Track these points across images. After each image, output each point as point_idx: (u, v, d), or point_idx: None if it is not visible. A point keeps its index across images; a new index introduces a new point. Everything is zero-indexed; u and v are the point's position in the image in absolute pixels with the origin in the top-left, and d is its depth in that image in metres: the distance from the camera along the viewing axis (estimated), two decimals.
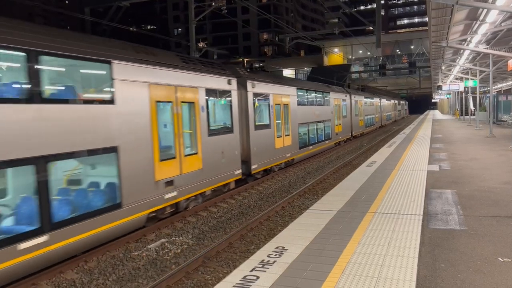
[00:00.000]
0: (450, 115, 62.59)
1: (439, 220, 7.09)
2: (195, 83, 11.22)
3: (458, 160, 14.14)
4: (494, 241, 5.97)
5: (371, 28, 25.57)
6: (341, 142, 29.31)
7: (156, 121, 9.54)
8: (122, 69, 8.62)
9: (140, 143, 9.04)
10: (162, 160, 9.71)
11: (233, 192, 13.53)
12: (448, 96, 64.52)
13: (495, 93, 42.71)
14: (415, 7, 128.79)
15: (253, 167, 14.81)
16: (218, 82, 12.48)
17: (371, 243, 5.79)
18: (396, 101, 72.65)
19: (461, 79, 37.63)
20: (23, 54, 6.62)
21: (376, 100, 46.37)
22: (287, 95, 18.27)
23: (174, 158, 10.23)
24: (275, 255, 5.44)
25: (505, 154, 15.19)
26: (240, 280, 4.70)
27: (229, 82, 13.13)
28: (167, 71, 10.09)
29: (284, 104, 17.78)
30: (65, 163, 7.74)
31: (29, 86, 6.75)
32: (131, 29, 21.13)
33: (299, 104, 19.96)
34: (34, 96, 6.81)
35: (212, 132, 12.07)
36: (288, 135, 18.22)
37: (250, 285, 4.57)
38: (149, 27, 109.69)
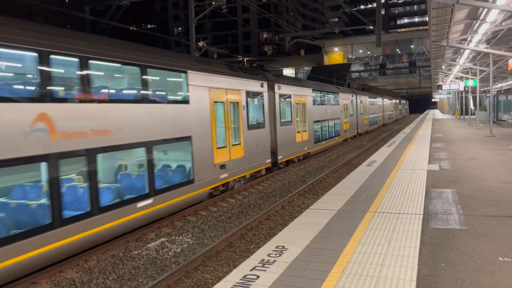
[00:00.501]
0: (450, 115, 62.56)
1: (439, 220, 7.09)
2: (239, 87, 13.83)
3: (458, 159, 14.14)
4: (494, 241, 5.97)
5: (371, 27, 25.56)
6: (348, 139, 31.47)
7: (214, 117, 12.11)
8: (193, 77, 11.18)
9: (204, 134, 11.65)
10: (218, 148, 12.37)
11: (233, 192, 13.54)
12: (448, 95, 64.51)
13: (495, 92, 42.71)
14: (415, 7, 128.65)
15: (279, 157, 17.28)
16: (254, 85, 15.08)
17: (371, 242, 5.79)
18: (397, 101, 75.04)
19: (461, 78, 37.61)
20: (139, 68, 9.38)
21: (379, 100, 48.61)
22: (305, 95, 20.79)
23: (225, 147, 12.92)
24: (275, 254, 5.43)
25: (505, 153, 15.18)
26: (240, 280, 4.70)
27: (261, 85, 15.73)
28: (220, 77, 12.67)
29: (302, 104, 20.28)
30: (161, 147, 10.26)
31: (141, 91, 9.43)
32: (131, 28, 21.11)
33: (314, 103, 22.46)
34: (144, 99, 9.49)
35: (250, 127, 14.65)
36: (306, 131, 20.69)
37: (250, 285, 4.56)
38: (149, 26, 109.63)
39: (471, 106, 42.69)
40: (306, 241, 5.93)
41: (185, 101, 10.96)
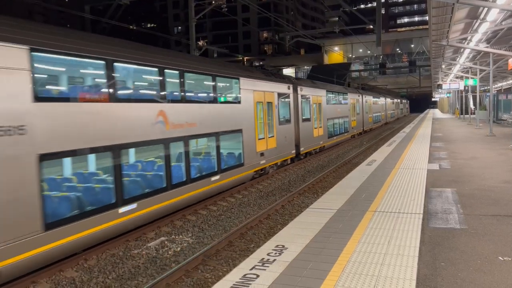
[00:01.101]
0: (450, 114, 62.55)
1: (439, 219, 7.09)
2: (273, 89, 16.74)
3: (458, 159, 14.14)
4: (494, 240, 5.97)
5: (371, 26, 25.56)
6: (356, 135, 34.32)
7: (256, 114, 15.10)
8: (243, 82, 14.29)
9: (250, 128, 14.70)
10: (259, 139, 15.32)
11: (233, 191, 13.55)
12: (448, 95, 64.49)
13: (495, 92, 42.69)
14: (415, 6, 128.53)
15: (301, 149, 20.16)
16: (283, 88, 17.90)
17: (371, 241, 5.79)
18: (399, 100, 78.37)
19: (461, 78, 37.60)
20: (211, 77, 12.51)
21: (382, 100, 51.81)
22: (320, 96, 23.65)
23: (263, 138, 15.80)
24: (275, 253, 5.43)
25: (505, 153, 15.18)
26: (240, 279, 4.70)
27: (288, 88, 18.54)
28: (260, 82, 15.70)
29: (318, 103, 23.17)
30: (224, 137, 12.95)
31: (212, 94, 12.62)
32: (131, 27, 21.10)
33: (328, 103, 25.38)
34: (214, 100, 12.64)
35: (280, 122, 17.50)
36: (321, 127, 23.66)
37: (250, 284, 4.56)
38: (149, 25, 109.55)
39: (471, 105, 42.69)
40: (306, 240, 5.93)
41: (238, 101, 14.05)
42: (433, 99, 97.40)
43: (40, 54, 7.21)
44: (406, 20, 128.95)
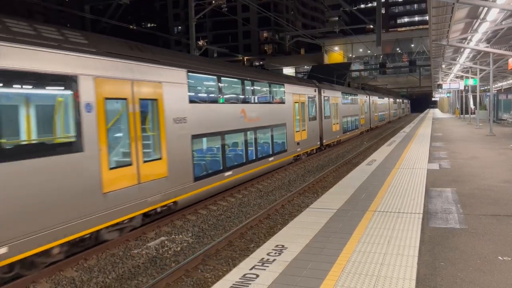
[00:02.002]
0: (450, 114, 62.54)
1: (439, 219, 7.09)
2: (304, 92, 20.86)
3: (458, 158, 14.14)
4: (494, 240, 5.97)
5: (371, 26, 25.57)
6: (364, 132, 38.00)
7: (294, 112, 19.04)
8: (287, 87, 18.54)
9: (290, 122, 18.58)
10: (296, 131, 19.33)
11: (233, 191, 13.55)
12: (448, 94, 64.46)
13: (495, 91, 42.68)
14: (415, 6, 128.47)
15: (324, 141, 24.33)
16: (311, 90, 22.06)
17: (371, 241, 5.79)
18: (401, 100, 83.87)
19: (461, 77, 37.58)
20: (268, 84, 16.67)
21: (386, 100, 56.24)
22: (337, 97, 27.69)
23: (299, 131, 19.76)
24: (275, 253, 5.43)
25: (505, 152, 15.18)
26: (240, 279, 4.70)
27: (314, 90, 22.59)
28: (297, 86, 19.92)
29: (336, 103, 27.07)
30: (275, 129, 17.05)
31: (269, 96, 16.69)
32: (131, 27, 21.09)
33: (342, 103, 29.38)
34: (270, 101, 16.79)
35: (310, 119, 21.53)
36: (338, 123, 27.57)
37: (250, 284, 4.56)
38: (149, 24, 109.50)
39: (471, 105, 42.68)
40: (306, 240, 5.93)
41: (283, 102, 18.11)
42: (433, 99, 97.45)
43: (191, 74, 11.33)
44: (406, 19, 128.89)
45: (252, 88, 15.36)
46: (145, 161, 9.30)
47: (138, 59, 9.33)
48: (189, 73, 11.12)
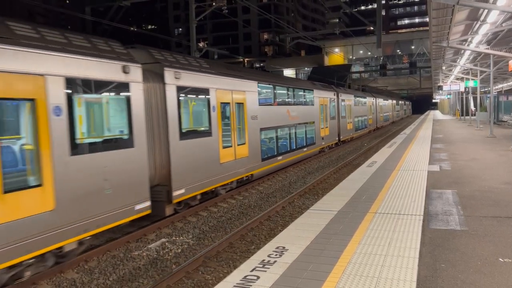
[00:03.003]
0: (451, 115, 62.50)
1: (439, 220, 7.09)
2: (327, 95, 25.21)
3: (458, 160, 14.14)
4: (494, 242, 5.97)
5: (371, 28, 25.63)
6: (371, 131, 42.37)
7: (320, 112, 23.43)
8: (315, 92, 22.70)
9: (317, 121, 22.73)
10: (321, 128, 23.51)
11: (233, 192, 13.56)
12: (448, 96, 64.45)
13: (496, 93, 42.66)
14: (415, 7, 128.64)
15: (341, 137, 28.76)
16: (331, 94, 26.39)
17: (372, 243, 5.79)
18: (403, 102, 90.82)
19: (461, 79, 37.59)
20: (303, 90, 21.73)
21: (390, 102, 61.44)
22: (350, 99, 32.02)
23: (323, 128, 23.96)
24: (276, 255, 5.43)
25: (505, 154, 15.18)
26: (241, 280, 4.70)
27: (334, 94, 27.05)
28: (322, 91, 23.94)
29: (349, 105, 31.39)
30: (307, 126, 21.09)
31: (303, 100, 21.35)
32: (131, 28, 21.14)
33: (355, 105, 33.67)
34: (304, 103, 21.38)
35: (330, 118, 25.85)
36: (351, 122, 31.81)
37: (251, 285, 4.56)
38: (149, 26, 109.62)
39: (472, 107, 42.67)
40: (307, 241, 5.93)
41: (312, 104, 22.33)
42: (433, 101, 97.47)
43: (259, 84, 15.71)
44: (406, 21, 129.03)
45: (293, 93, 19.75)
46: (238, 144, 13.77)
47: (234, 76, 13.73)
48: (258, 84, 15.63)
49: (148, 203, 9.28)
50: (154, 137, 9.97)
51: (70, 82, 7.43)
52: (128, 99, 8.82)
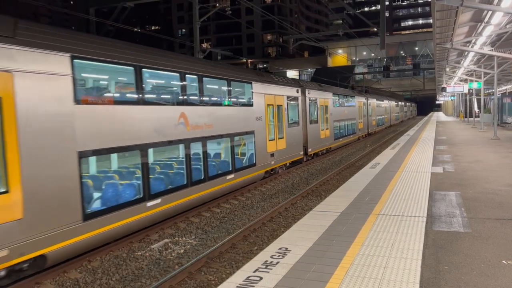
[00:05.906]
0: (454, 117, 62.32)
1: (442, 222, 7.07)
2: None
3: (462, 162, 14.10)
4: (498, 244, 5.95)
5: (375, 29, 25.55)
6: (386, 128, 50.69)
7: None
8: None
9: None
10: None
11: (236, 193, 13.56)
12: (452, 98, 64.30)
13: (500, 95, 42.51)
14: (419, 9, 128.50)
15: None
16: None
17: (375, 244, 5.79)
18: (410, 104, 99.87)
19: (465, 81, 37.49)
20: (346, 98, 32.25)
21: (400, 104, 69.25)
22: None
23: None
24: (278, 256, 5.44)
25: (509, 156, 15.12)
26: (243, 281, 4.71)
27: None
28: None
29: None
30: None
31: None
32: (135, 29, 21.21)
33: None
34: (342, 104, 30.42)
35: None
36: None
37: (253, 286, 4.57)
38: (153, 27, 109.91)
39: (475, 108, 42.54)
40: (309, 243, 5.93)
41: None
42: (437, 102, 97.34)
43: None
44: (410, 23, 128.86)
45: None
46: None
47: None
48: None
49: (302, 153, 19.91)
50: (302, 122, 19.97)
51: (288, 98, 18.39)
52: (298, 104, 19.45)
